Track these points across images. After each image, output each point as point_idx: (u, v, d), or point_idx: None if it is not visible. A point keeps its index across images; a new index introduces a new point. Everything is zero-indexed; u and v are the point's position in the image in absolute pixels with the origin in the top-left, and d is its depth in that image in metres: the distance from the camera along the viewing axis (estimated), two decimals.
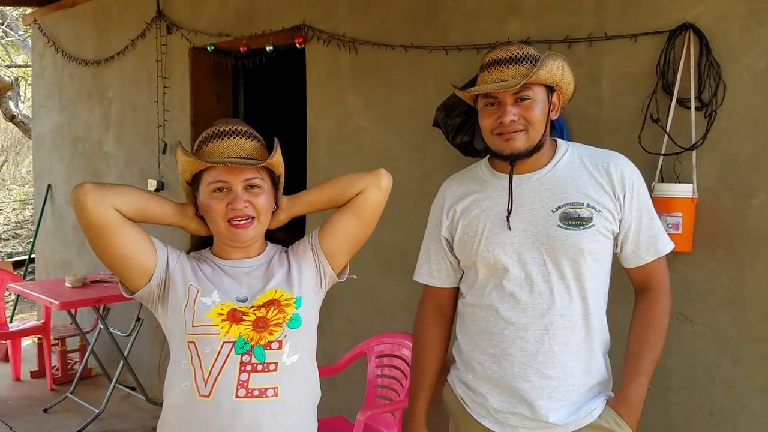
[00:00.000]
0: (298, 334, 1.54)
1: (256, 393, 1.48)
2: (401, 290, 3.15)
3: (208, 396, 1.48)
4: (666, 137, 2.30)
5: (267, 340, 1.50)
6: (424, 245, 1.88)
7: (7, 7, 9.23)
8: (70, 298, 3.94)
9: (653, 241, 1.70)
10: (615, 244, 1.71)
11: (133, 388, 4.45)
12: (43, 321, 4.81)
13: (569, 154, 1.73)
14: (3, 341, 5.03)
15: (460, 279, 1.83)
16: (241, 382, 1.48)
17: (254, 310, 1.51)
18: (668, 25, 2.31)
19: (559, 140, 1.79)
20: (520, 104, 1.63)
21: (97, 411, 4.05)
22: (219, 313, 1.49)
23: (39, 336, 4.83)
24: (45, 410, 4.28)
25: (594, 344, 1.69)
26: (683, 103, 2.29)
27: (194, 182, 1.60)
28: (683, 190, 2.23)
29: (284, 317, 1.52)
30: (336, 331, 3.42)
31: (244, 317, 1.50)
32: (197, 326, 1.49)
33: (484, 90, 1.63)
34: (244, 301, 1.53)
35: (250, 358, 1.48)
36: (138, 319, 4.30)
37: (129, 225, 1.49)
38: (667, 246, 1.72)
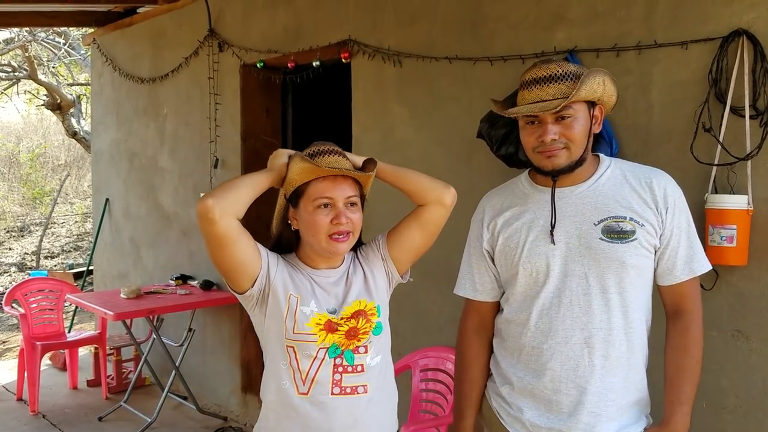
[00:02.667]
0: (380, 338, 1.72)
1: (348, 390, 1.66)
2: (446, 303, 3.12)
3: (307, 393, 1.65)
4: (719, 147, 2.23)
5: (355, 345, 1.67)
6: (465, 259, 1.89)
7: (70, 28, 9.62)
8: (124, 309, 4.03)
9: (689, 260, 1.66)
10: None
11: (185, 398, 4.53)
12: (99, 331, 4.94)
13: (612, 169, 1.72)
14: (62, 351, 5.20)
15: (502, 294, 1.82)
16: (335, 381, 1.65)
17: (346, 321, 1.66)
18: (720, 32, 2.25)
19: (602, 156, 1.77)
20: (561, 122, 1.62)
21: (149, 420, 4.14)
22: (317, 323, 1.64)
23: (95, 346, 4.97)
24: (100, 418, 4.40)
25: (634, 359, 1.66)
26: (737, 111, 2.22)
27: (292, 198, 1.69)
28: (738, 202, 2.16)
29: (370, 326, 1.69)
30: None
31: (338, 328, 1.65)
32: (298, 333, 1.64)
33: (524, 112, 1.62)
34: (333, 312, 1.66)
35: (342, 361, 1.66)
36: (190, 330, 4.38)
37: (244, 235, 1.61)
38: (703, 267, 1.68)
